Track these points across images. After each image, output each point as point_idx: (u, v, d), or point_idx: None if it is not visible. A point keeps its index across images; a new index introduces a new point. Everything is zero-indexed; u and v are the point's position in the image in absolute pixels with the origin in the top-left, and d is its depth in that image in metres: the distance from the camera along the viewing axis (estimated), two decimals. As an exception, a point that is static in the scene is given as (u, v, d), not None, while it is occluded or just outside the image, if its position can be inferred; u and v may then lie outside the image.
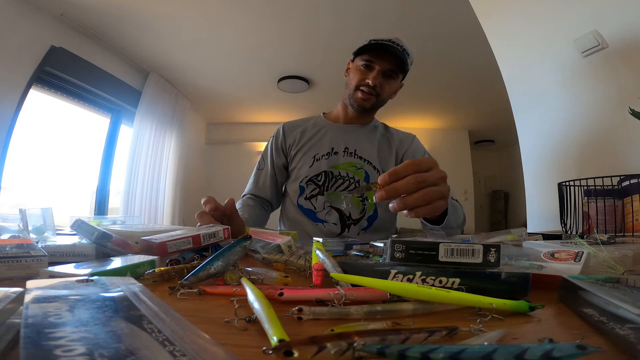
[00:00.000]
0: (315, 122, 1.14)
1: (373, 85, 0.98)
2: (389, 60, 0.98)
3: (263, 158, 1.15)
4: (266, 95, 3.76)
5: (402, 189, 0.48)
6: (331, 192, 1.04)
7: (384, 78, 1.01)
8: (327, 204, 1.04)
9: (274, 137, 1.14)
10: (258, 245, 0.56)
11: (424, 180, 0.49)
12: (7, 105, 2.05)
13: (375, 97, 1.02)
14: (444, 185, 0.52)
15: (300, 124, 1.14)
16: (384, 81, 1.01)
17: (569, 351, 0.17)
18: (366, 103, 1.03)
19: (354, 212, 1.04)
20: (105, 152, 2.98)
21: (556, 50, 1.38)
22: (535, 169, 1.55)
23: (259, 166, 1.14)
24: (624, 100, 1.07)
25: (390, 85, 1.03)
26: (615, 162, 1.18)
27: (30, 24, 2.12)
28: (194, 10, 2.32)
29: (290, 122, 1.17)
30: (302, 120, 1.17)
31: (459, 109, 4.14)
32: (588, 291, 0.28)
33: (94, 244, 0.48)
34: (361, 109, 1.05)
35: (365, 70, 1.00)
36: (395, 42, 0.96)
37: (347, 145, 1.07)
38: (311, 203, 1.05)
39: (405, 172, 0.48)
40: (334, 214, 1.03)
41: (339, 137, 1.08)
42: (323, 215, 1.04)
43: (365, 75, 1.00)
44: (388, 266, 0.35)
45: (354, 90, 1.03)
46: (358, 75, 1.01)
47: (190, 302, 0.31)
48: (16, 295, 0.23)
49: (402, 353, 0.17)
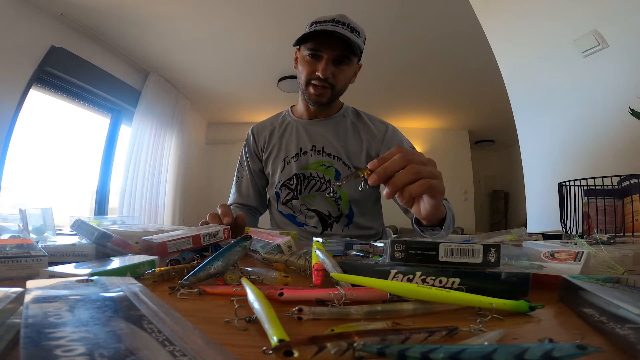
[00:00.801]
0: (282, 120, 1.07)
1: (324, 77, 0.87)
2: (337, 45, 0.85)
3: (241, 165, 1.10)
4: (266, 95, 3.76)
5: (390, 167, 0.47)
6: (305, 194, 1.00)
7: (336, 65, 0.89)
8: (303, 207, 1.00)
9: (245, 143, 1.10)
10: (258, 245, 0.56)
11: (411, 156, 0.48)
12: (7, 105, 2.05)
13: (330, 89, 0.91)
14: (433, 168, 0.50)
15: (267, 125, 1.08)
16: (336, 69, 0.89)
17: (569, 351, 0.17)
18: (321, 98, 0.92)
19: (333, 210, 1.00)
20: (105, 152, 2.98)
21: (556, 50, 1.38)
22: (535, 169, 1.55)
23: (239, 174, 1.10)
24: (623, 100, 1.07)
25: (344, 72, 0.91)
26: (615, 162, 1.18)
27: (30, 24, 2.12)
28: (194, 10, 2.32)
29: (258, 124, 1.11)
30: (270, 119, 1.10)
31: (459, 109, 4.14)
32: (588, 291, 0.28)
33: (94, 244, 0.48)
34: (318, 105, 0.96)
35: (313, 61, 0.89)
36: (340, 22, 0.85)
37: (314, 143, 1.00)
38: (289, 207, 1.02)
39: (393, 155, 0.48)
40: (312, 215, 1.00)
41: (305, 135, 1.01)
42: (303, 219, 1.01)
43: (313, 66, 0.89)
44: (388, 266, 0.35)
45: (306, 85, 0.92)
46: (306, 67, 0.90)
47: (190, 302, 0.31)
48: (16, 295, 0.23)
49: (402, 353, 0.17)
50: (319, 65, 0.88)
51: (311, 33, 0.86)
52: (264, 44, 2.74)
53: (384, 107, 4.02)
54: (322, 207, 1.00)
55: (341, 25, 0.84)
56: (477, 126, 4.70)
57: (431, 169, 0.49)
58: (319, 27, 0.85)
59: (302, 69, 0.92)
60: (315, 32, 0.85)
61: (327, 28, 0.84)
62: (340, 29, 0.84)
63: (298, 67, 0.96)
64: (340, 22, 0.85)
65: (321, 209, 1.00)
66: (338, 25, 0.84)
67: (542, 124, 1.50)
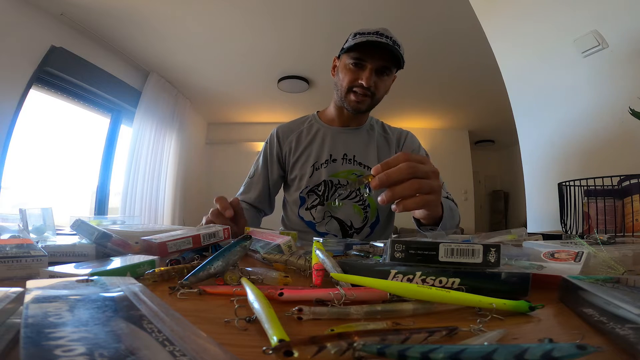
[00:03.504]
0: (310, 125, 1.07)
1: (367, 86, 0.90)
2: (382, 56, 0.89)
3: (257, 166, 1.08)
4: (266, 95, 3.76)
5: (393, 175, 0.48)
6: (332, 201, 0.99)
7: (378, 76, 0.92)
8: (327, 214, 1.00)
9: (267, 145, 1.08)
10: (258, 245, 0.56)
11: (416, 168, 0.49)
12: (7, 105, 2.05)
13: (371, 98, 0.95)
14: (435, 179, 0.51)
15: (294, 128, 1.08)
16: (378, 79, 0.92)
17: (569, 351, 0.17)
18: (361, 105, 0.95)
19: (356, 220, 1.00)
20: (105, 152, 2.98)
21: (556, 50, 1.38)
22: (535, 169, 1.55)
23: (251, 174, 1.08)
24: (623, 100, 1.07)
25: (385, 82, 0.95)
26: (615, 162, 1.18)
27: (30, 24, 2.12)
28: (195, 10, 2.32)
29: (283, 126, 1.10)
30: (296, 122, 1.10)
31: (459, 109, 4.14)
32: (588, 291, 0.28)
33: (94, 244, 0.48)
34: (356, 112, 0.98)
35: (356, 70, 0.91)
36: (384, 35, 0.87)
37: (346, 152, 1.01)
38: (311, 214, 1.01)
39: (396, 162, 0.49)
40: (333, 224, 0.99)
41: (337, 143, 1.02)
42: (322, 227, 1.00)
43: (356, 75, 0.91)
44: (388, 266, 0.35)
45: (346, 92, 0.94)
46: (349, 75, 0.92)
47: (190, 302, 0.31)
48: (16, 295, 0.23)
49: (402, 353, 0.17)
50: (363, 74, 0.90)
51: (359, 43, 0.88)
52: (264, 44, 2.74)
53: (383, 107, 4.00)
54: (346, 216, 0.99)
55: (385, 38, 0.87)
56: (477, 126, 4.70)
57: (431, 182, 0.50)
58: (364, 38, 0.87)
59: (344, 77, 0.94)
60: (363, 42, 0.87)
61: (372, 39, 0.86)
62: (384, 40, 0.86)
63: (338, 75, 0.98)
64: (384, 35, 0.87)
65: (344, 218, 0.99)
66: (382, 38, 0.86)
67: (542, 124, 1.50)
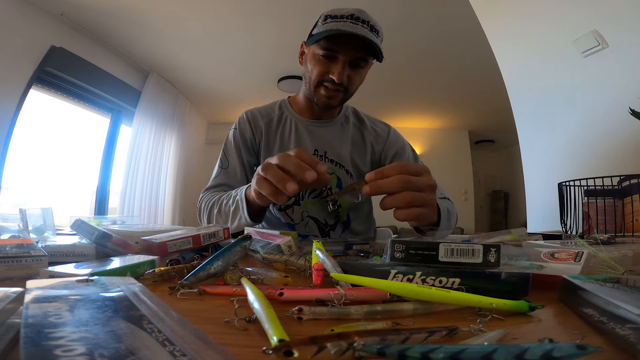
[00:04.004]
0: (281, 112, 0.97)
1: (339, 82, 0.79)
2: (356, 46, 0.76)
3: (227, 154, 0.95)
4: (266, 95, 3.76)
5: (385, 187, 0.48)
6: (307, 200, 0.92)
7: (352, 68, 0.80)
8: (305, 214, 0.92)
9: (237, 130, 0.96)
10: (258, 245, 0.56)
11: (409, 182, 0.48)
12: (7, 105, 2.05)
13: (343, 93, 0.84)
14: (429, 193, 0.51)
15: (264, 113, 0.97)
16: (352, 72, 0.80)
17: (569, 351, 0.17)
18: (332, 101, 0.84)
19: (328, 217, 0.94)
20: (105, 152, 2.98)
21: (556, 50, 1.38)
22: (535, 169, 1.55)
23: (222, 164, 0.95)
24: (623, 100, 1.07)
25: (360, 75, 0.83)
26: (615, 162, 1.18)
27: (30, 24, 2.12)
28: (195, 10, 2.32)
29: (252, 111, 0.98)
30: (265, 108, 0.99)
31: (459, 109, 4.14)
32: (588, 291, 0.28)
33: (94, 244, 0.48)
34: (327, 108, 0.88)
35: (327, 62, 0.79)
36: (360, 19, 0.75)
37: (317, 147, 0.93)
38: (288, 215, 0.92)
39: (391, 172, 0.49)
40: (312, 224, 0.93)
41: (307, 137, 0.93)
42: (302, 228, 0.93)
43: (327, 67, 0.79)
44: (388, 266, 0.35)
45: (316, 86, 0.83)
46: (318, 67, 0.80)
47: (190, 302, 0.31)
48: (16, 295, 0.23)
49: (402, 353, 0.17)
50: (334, 67, 0.78)
51: (330, 34, 0.75)
52: (264, 44, 2.74)
53: (384, 107, 4.03)
54: (320, 214, 0.94)
55: (361, 23, 0.74)
56: (477, 126, 4.70)
57: (424, 196, 0.50)
58: (336, 23, 0.75)
59: (313, 68, 0.82)
60: (334, 32, 0.75)
61: (346, 27, 0.74)
62: (360, 28, 0.74)
63: (306, 64, 0.85)
64: (360, 20, 0.75)
65: (319, 216, 0.94)
66: (358, 23, 0.74)
67: (542, 124, 1.50)
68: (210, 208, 0.82)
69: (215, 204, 0.80)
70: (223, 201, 0.77)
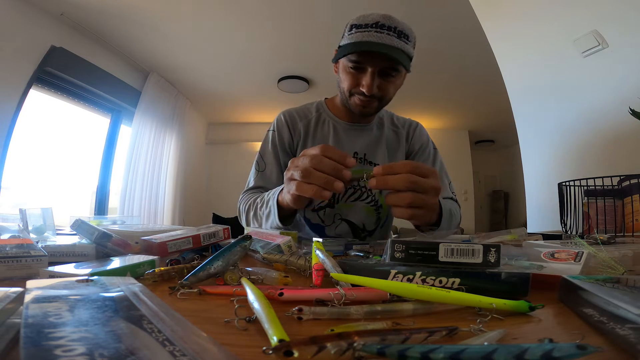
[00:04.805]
0: (318, 115, 0.97)
1: (369, 94, 0.78)
2: (383, 57, 0.74)
3: (264, 156, 0.94)
4: (266, 95, 3.76)
5: (390, 184, 0.49)
6: (342, 203, 0.91)
7: (383, 77, 0.79)
8: (337, 217, 0.92)
9: (275, 131, 0.95)
10: (258, 245, 0.56)
11: (415, 182, 0.49)
12: (7, 105, 2.05)
13: (378, 101, 0.83)
14: (432, 196, 0.52)
15: (302, 115, 0.97)
16: (382, 81, 0.79)
17: (569, 351, 0.17)
18: (368, 110, 0.84)
19: (369, 222, 0.93)
20: (105, 152, 2.98)
21: (556, 50, 1.38)
22: (535, 169, 1.55)
23: (260, 168, 0.94)
24: (623, 100, 1.07)
25: (393, 83, 0.82)
26: (615, 162, 1.18)
27: (30, 24, 2.12)
28: (195, 10, 2.32)
29: (289, 111, 0.97)
30: (302, 109, 0.98)
31: (459, 109, 4.14)
32: (588, 291, 0.28)
33: (94, 244, 0.48)
34: (363, 115, 0.89)
35: (356, 73, 0.79)
36: (386, 26, 0.73)
37: (357, 150, 0.93)
38: (319, 216, 0.91)
39: (400, 170, 0.49)
40: (344, 226, 0.92)
41: (346, 140, 0.94)
42: (332, 230, 0.92)
43: (356, 79, 0.80)
44: (388, 266, 0.35)
45: (349, 96, 0.84)
46: (348, 79, 0.81)
47: (190, 302, 0.31)
48: (16, 295, 0.23)
49: (402, 353, 0.17)
50: (363, 78, 0.77)
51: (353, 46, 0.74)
52: (264, 44, 2.74)
53: (384, 107, 4.02)
54: (358, 218, 0.93)
55: (387, 31, 0.72)
56: (477, 126, 4.70)
57: (425, 198, 0.50)
58: (361, 34, 0.74)
59: (344, 79, 0.82)
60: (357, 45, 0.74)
61: (371, 38, 0.72)
62: (385, 36, 0.72)
63: (338, 74, 0.85)
64: (386, 27, 0.73)
65: (356, 220, 0.93)
66: (383, 31, 0.72)
67: (542, 124, 1.50)
68: (247, 210, 0.84)
69: (251, 207, 0.82)
70: (257, 205, 0.79)
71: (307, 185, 0.51)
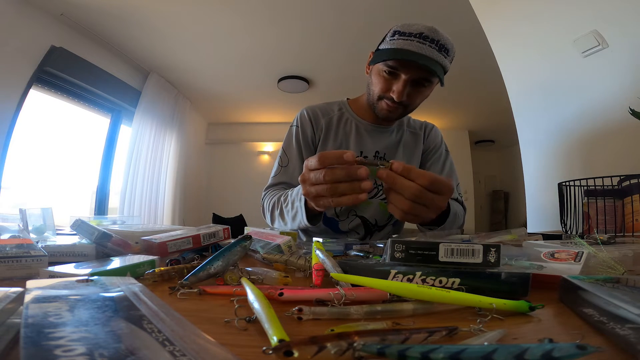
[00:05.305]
0: (341, 113, 0.99)
1: (399, 101, 0.80)
2: (420, 66, 0.75)
3: (287, 152, 0.96)
4: (266, 95, 3.76)
5: (398, 187, 0.49)
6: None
7: (414, 87, 0.80)
8: (351, 212, 0.94)
9: (298, 127, 0.96)
10: (258, 245, 0.56)
11: (422, 198, 0.48)
12: (7, 105, 2.05)
13: (404, 108, 0.85)
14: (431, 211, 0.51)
15: (324, 112, 0.99)
16: (413, 90, 0.80)
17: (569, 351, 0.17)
18: (392, 115, 0.86)
19: (381, 218, 0.95)
20: (105, 152, 2.98)
21: (556, 50, 1.37)
22: (535, 169, 1.55)
23: (282, 162, 0.95)
24: (623, 100, 1.07)
25: (423, 93, 0.83)
26: (615, 162, 1.18)
27: (30, 24, 2.12)
28: (195, 10, 2.32)
29: (312, 107, 0.99)
30: (324, 107, 1.00)
31: (459, 109, 4.14)
32: (588, 291, 0.28)
33: (94, 244, 0.48)
34: (387, 120, 0.91)
35: (390, 78, 0.80)
36: (429, 38, 0.74)
37: (378, 149, 0.96)
38: (334, 211, 0.94)
39: (416, 179, 0.48)
40: (357, 221, 0.95)
41: (368, 139, 0.96)
42: (346, 225, 0.94)
43: (389, 84, 0.81)
44: (388, 266, 0.35)
45: (377, 99, 0.85)
46: (381, 83, 0.82)
47: (190, 302, 0.31)
48: (16, 295, 0.23)
49: (402, 353, 0.17)
50: (395, 85, 0.79)
51: (393, 52, 0.76)
52: (264, 44, 2.74)
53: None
54: (371, 214, 0.95)
55: (429, 43, 0.74)
56: (477, 126, 4.70)
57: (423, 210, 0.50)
58: (403, 42, 0.75)
59: (376, 82, 0.83)
60: (397, 52, 0.75)
61: (412, 47, 0.74)
62: (427, 48, 0.74)
63: (370, 76, 0.87)
64: (429, 39, 0.74)
65: (369, 216, 0.95)
66: (426, 43, 0.74)
67: (542, 124, 1.50)
68: (272, 209, 0.85)
69: (276, 206, 0.82)
70: (282, 204, 0.79)
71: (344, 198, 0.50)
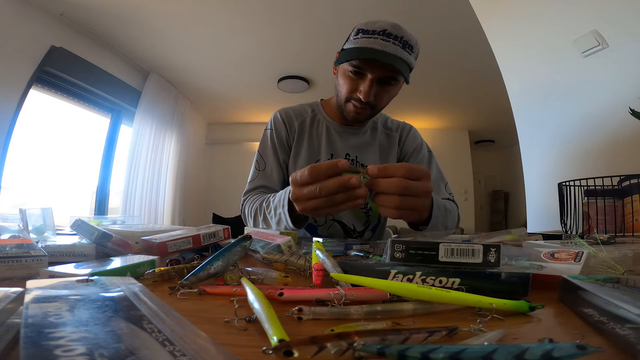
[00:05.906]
0: (314, 115, 0.98)
1: (366, 101, 0.79)
2: (385, 65, 0.74)
3: (263, 155, 0.95)
4: (266, 95, 3.76)
5: (382, 187, 0.49)
6: None
7: (381, 85, 0.80)
8: (329, 217, 0.93)
9: (272, 130, 0.96)
10: (258, 245, 0.56)
11: (407, 187, 0.49)
12: (7, 105, 2.05)
13: (371, 109, 0.84)
14: (423, 199, 0.52)
15: (298, 114, 0.98)
16: (380, 89, 0.80)
17: (569, 351, 0.17)
18: (360, 117, 0.86)
19: (358, 224, 0.95)
20: (105, 152, 2.98)
21: (556, 50, 1.38)
22: (535, 169, 1.55)
23: (260, 167, 0.95)
24: (623, 100, 1.07)
25: (389, 92, 0.83)
26: (615, 162, 1.18)
27: (30, 24, 2.12)
28: (195, 10, 2.32)
29: (285, 110, 0.99)
30: (297, 109, 1.00)
31: (459, 109, 4.14)
32: (588, 291, 0.28)
33: (94, 244, 0.48)
34: (355, 122, 0.91)
35: (356, 78, 0.79)
36: (392, 35, 0.73)
37: (348, 152, 0.95)
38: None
39: (394, 173, 0.49)
40: (336, 227, 0.94)
41: (340, 141, 0.95)
42: (325, 230, 0.94)
43: (355, 84, 0.80)
44: (388, 266, 0.35)
45: (345, 101, 0.84)
46: (347, 84, 0.81)
47: (190, 302, 0.31)
48: (16, 295, 0.23)
49: (402, 353, 0.17)
50: (362, 85, 0.78)
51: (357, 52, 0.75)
52: (264, 44, 2.74)
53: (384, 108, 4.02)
54: (348, 219, 0.94)
55: (392, 40, 0.73)
56: (477, 126, 4.70)
57: (415, 201, 0.51)
58: (367, 40, 0.75)
59: (343, 83, 0.83)
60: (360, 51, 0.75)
61: (376, 45, 0.73)
62: (391, 45, 0.73)
63: (337, 78, 0.86)
64: (392, 36, 0.73)
65: (346, 221, 0.94)
66: (389, 40, 0.73)
67: (542, 124, 1.50)
68: (254, 215, 0.84)
69: (259, 212, 0.81)
70: (264, 210, 0.78)
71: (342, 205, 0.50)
